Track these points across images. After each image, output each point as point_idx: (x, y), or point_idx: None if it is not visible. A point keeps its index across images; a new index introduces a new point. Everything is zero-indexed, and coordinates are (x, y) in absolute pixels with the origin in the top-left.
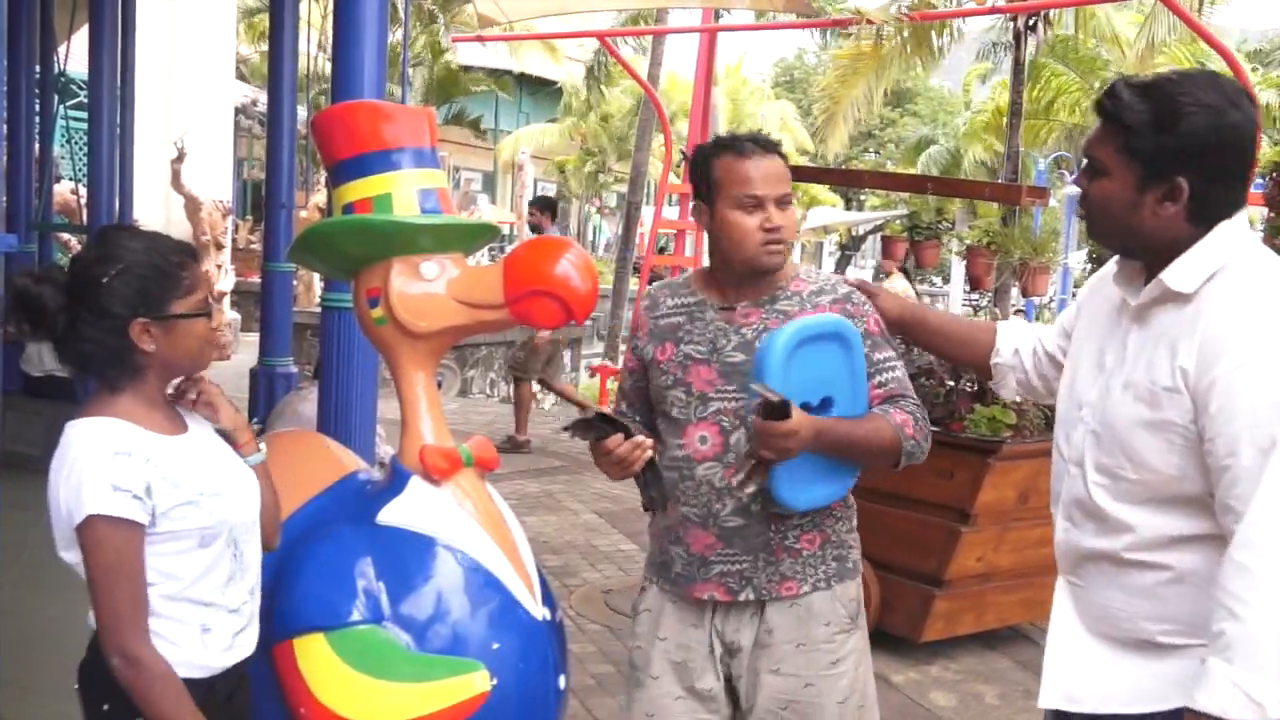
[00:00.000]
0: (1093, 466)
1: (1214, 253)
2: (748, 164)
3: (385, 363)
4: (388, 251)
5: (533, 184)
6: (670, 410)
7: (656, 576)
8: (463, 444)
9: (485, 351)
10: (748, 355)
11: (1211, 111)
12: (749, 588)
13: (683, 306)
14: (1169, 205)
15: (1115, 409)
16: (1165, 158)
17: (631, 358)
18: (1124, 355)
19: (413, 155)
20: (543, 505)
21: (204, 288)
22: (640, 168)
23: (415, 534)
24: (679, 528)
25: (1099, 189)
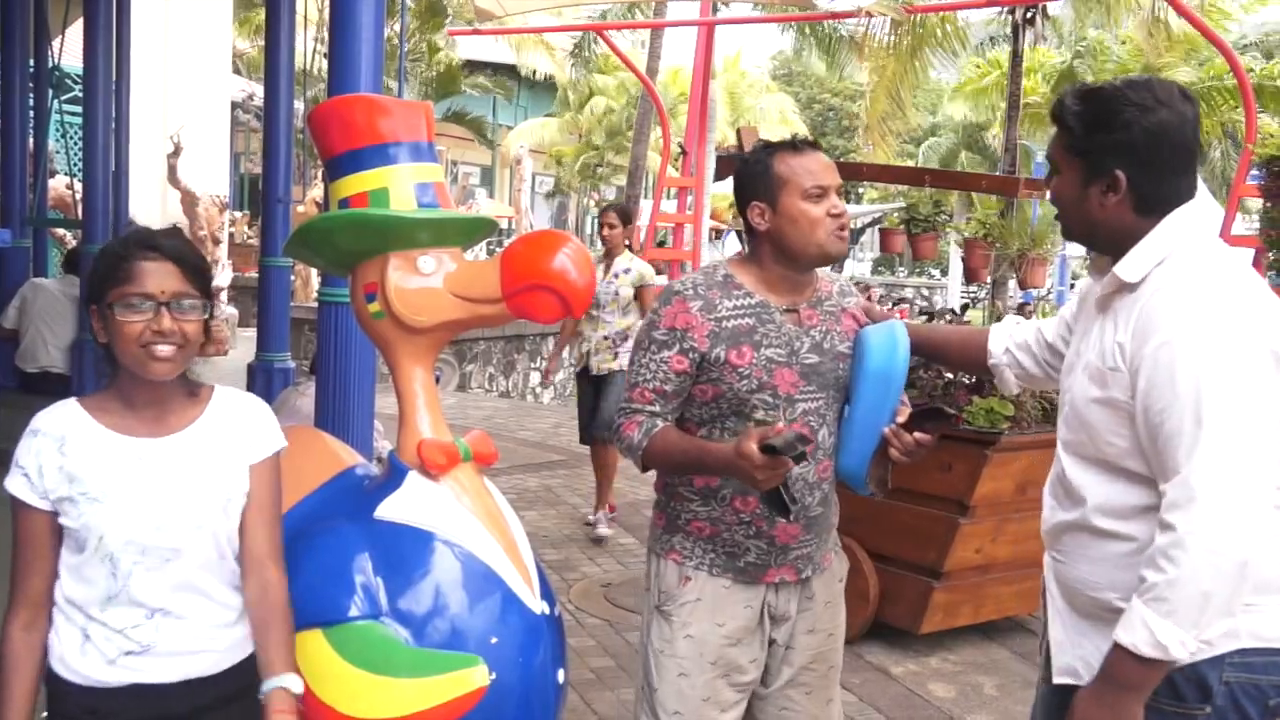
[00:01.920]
0: (1063, 443)
1: (1160, 244)
2: (808, 158)
3: (383, 357)
4: (385, 246)
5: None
6: (753, 414)
7: (712, 567)
8: (461, 438)
9: (484, 346)
10: (820, 356)
11: (1142, 110)
12: (809, 566)
13: (746, 309)
14: (1112, 196)
15: (1075, 388)
16: (1102, 153)
17: (680, 359)
18: (1088, 341)
19: (410, 150)
20: (542, 500)
21: (146, 284)
22: (638, 161)
23: (413, 529)
24: (760, 522)
25: (1056, 186)
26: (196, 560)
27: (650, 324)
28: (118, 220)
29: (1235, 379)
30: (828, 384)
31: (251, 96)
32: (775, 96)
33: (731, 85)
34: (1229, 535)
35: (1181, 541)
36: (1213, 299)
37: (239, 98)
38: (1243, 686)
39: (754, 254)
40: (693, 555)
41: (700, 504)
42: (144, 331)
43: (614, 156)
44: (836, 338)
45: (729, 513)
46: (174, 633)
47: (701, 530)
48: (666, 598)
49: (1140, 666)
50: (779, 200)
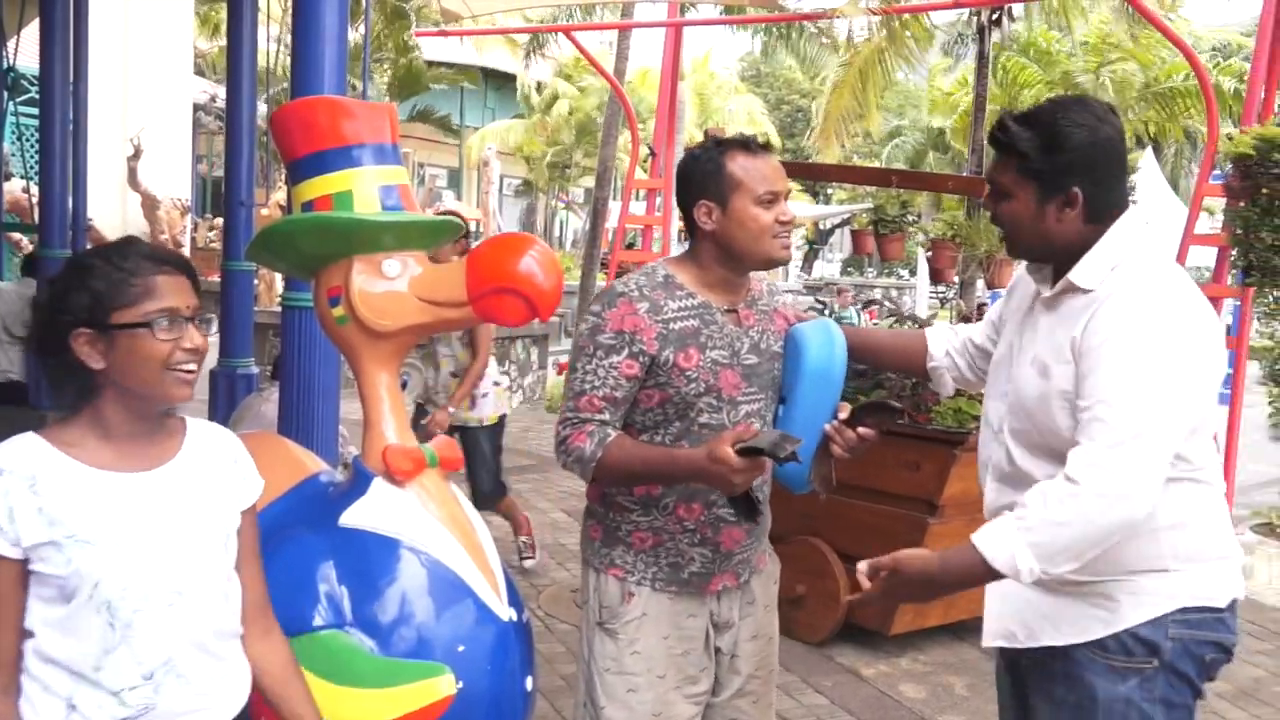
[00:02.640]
0: (1008, 431)
1: (1112, 251)
2: (762, 161)
3: (347, 362)
4: (349, 249)
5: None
6: (699, 416)
7: (655, 581)
8: (426, 444)
9: None
10: (759, 357)
11: (1087, 129)
12: (747, 568)
13: (690, 310)
14: (1069, 211)
15: (1021, 380)
16: (1058, 173)
17: (631, 363)
18: (1035, 336)
19: (373, 151)
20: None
21: (167, 299)
22: (607, 162)
23: (379, 536)
24: (706, 529)
25: (1007, 210)
26: (200, 603)
27: (594, 328)
28: (76, 224)
29: (1165, 381)
30: (766, 385)
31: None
32: (744, 98)
33: (700, 86)
34: (1125, 507)
35: (1080, 495)
36: (1154, 306)
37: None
38: (1184, 642)
39: (694, 253)
40: (635, 569)
41: (641, 513)
42: (173, 351)
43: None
44: (771, 337)
45: (672, 521)
46: (174, 693)
47: (644, 541)
48: (610, 614)
49: (983, 571)
50: (730, 202)
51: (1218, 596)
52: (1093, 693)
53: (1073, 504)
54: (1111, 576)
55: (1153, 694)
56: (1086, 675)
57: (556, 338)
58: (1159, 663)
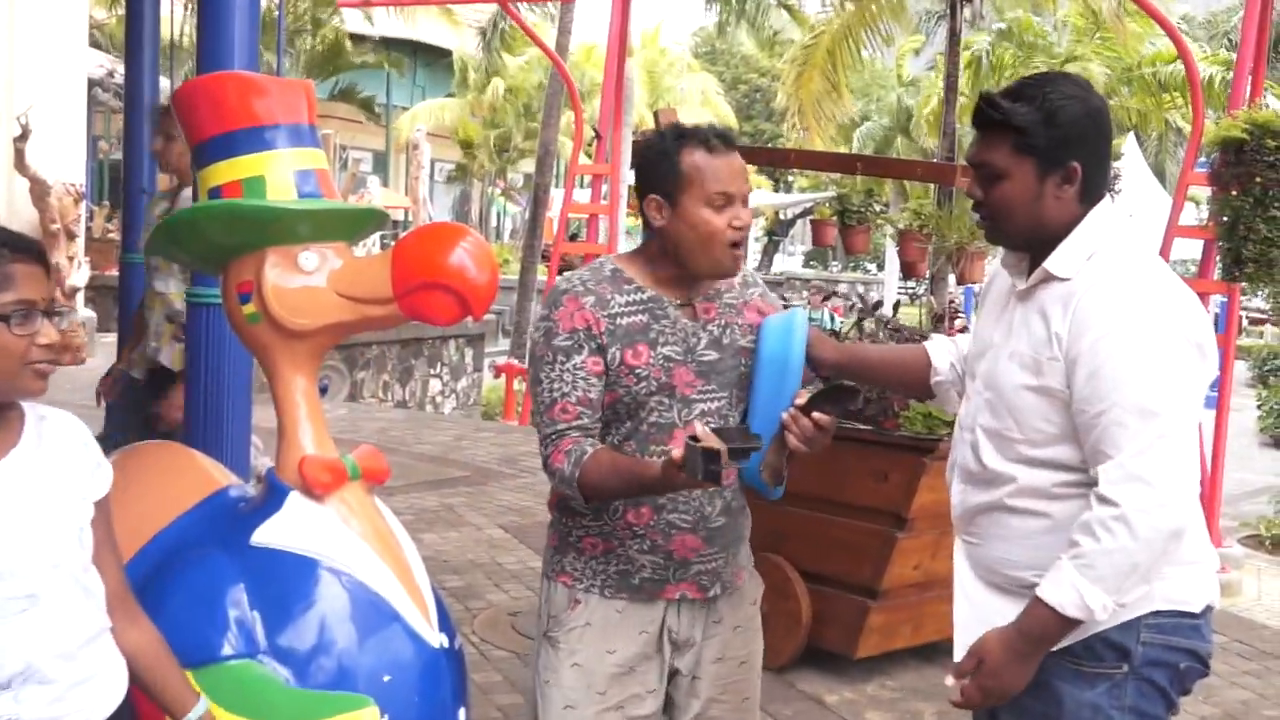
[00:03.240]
0: (982, 430)
1: (1089, 239)
2: (719, 160)
3: (260, 365)
4: (261, 241)
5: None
6: (648, 416)
7: (604, 588)
8: (348, 454)
9: (377, 351)
10: (720, 353)
11: (1080, 101)
12: (718, 583)
13: (639, 304)
14: (1068, 189)
15: (1002, 376)
16: (1057, 147)
17: (595, 360)
18: (1010, 330)
19: (289, 133)
20: (442, 520)
21: (24, 290)
22: (548, 146)
23: (295, 555)
24: (655, 535)
25: (1000, 193)
26: (58, 605)
27: (547, 333)
28: None
29: (1171, 373)
30: (729, 383)
31: (112, 74)
32: (697, 76)
33: (650, 63)
34: (1169, 515)
35: (1125, 517)
36: (1142, 296)
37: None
38: (1156, 648)
39: (645, 248)
40: (584, 576)
41: (592, 518)
42: (28, 348)
43: (522, 140)
44: (737, 332)
45: (621, 527)
46: (37, 701)
47: (594, 547)
48: (555, 623)
49: (1059, 623)
50: (680, 199)
51: (1192, 601)
52: (1059, 698)
53: (1120, 528)
54: None
55: (1122, 701)
56: (1053, 681)
57: (493, 337)
58: (1129, 668)
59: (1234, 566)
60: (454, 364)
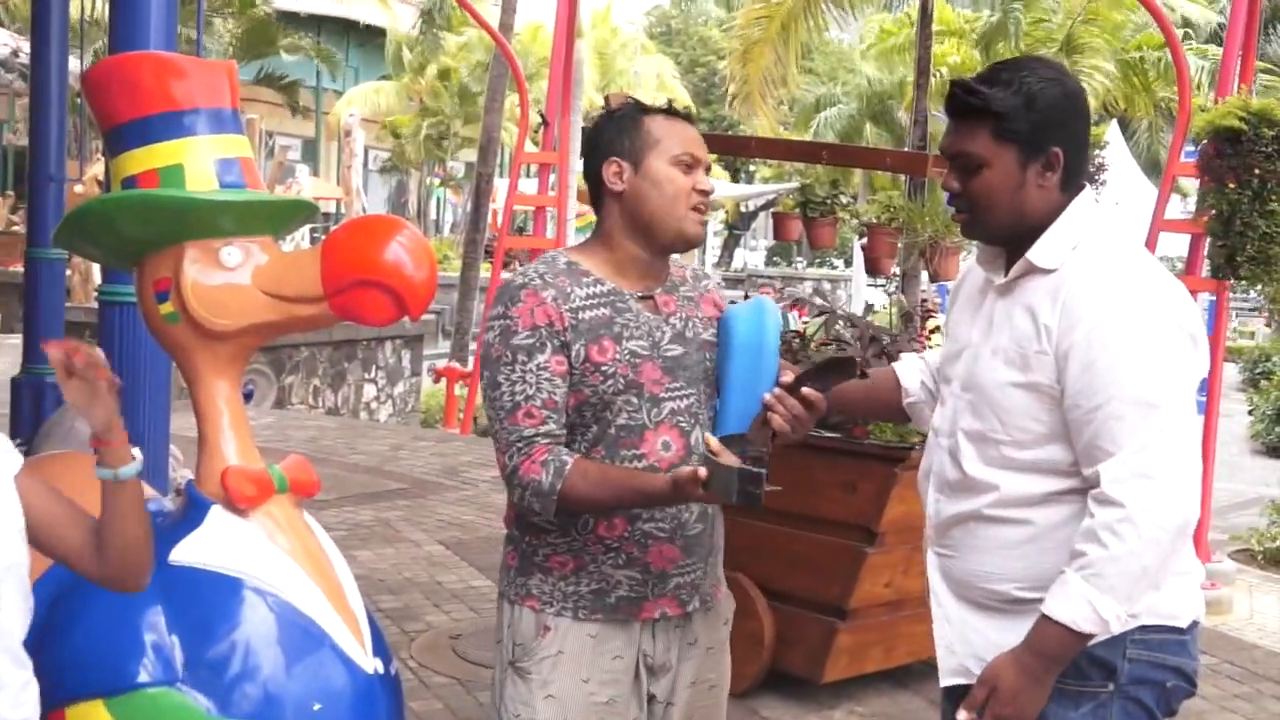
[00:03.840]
0: (963, 434)
1: (1073, 229)
2: (682, 126)
3: (179, 369)
4: (180, 234)
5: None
6: (615, 418)
7: (577, 609)
8: (275, 465)
9: (306, 354)
10: (684, 347)
11: (1058, 84)
12: (696, 597)
13: (600, 297)
14: (1050, 175)
15: (985, 374)
16: (1039, 132)
17: (560, 359)
18: (990, 326)
19: (209, 118)
20: (377, 536)
21: None
22: (491, 133)
23: (217, 574)
24: (630, 547)
25: (980, 183)
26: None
27: (504, 332)
28: None
29: (1169, 363)
30: (696, 378)
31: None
32: (652, 59)
33: (601, 44)
34: (1178, 511)
35: (1131, 518)
36: (1134, 285)
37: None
38: (1143, 665)
39: (600, 233)
40: (553, 599)
41: (558, 534)
42: None
43: (462, 126)
44: (699, 325)
45: (592, 541)
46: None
47: (563, 566)
48: (523, 652)
49: (1074, 640)
50: (644, 159)
51: (1179, 615)
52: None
53: (1128, 530)
54: None
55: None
56: None
57: (432, 339)
58: (1114, 687)
59: (1224, 583)
60: (390, 368)
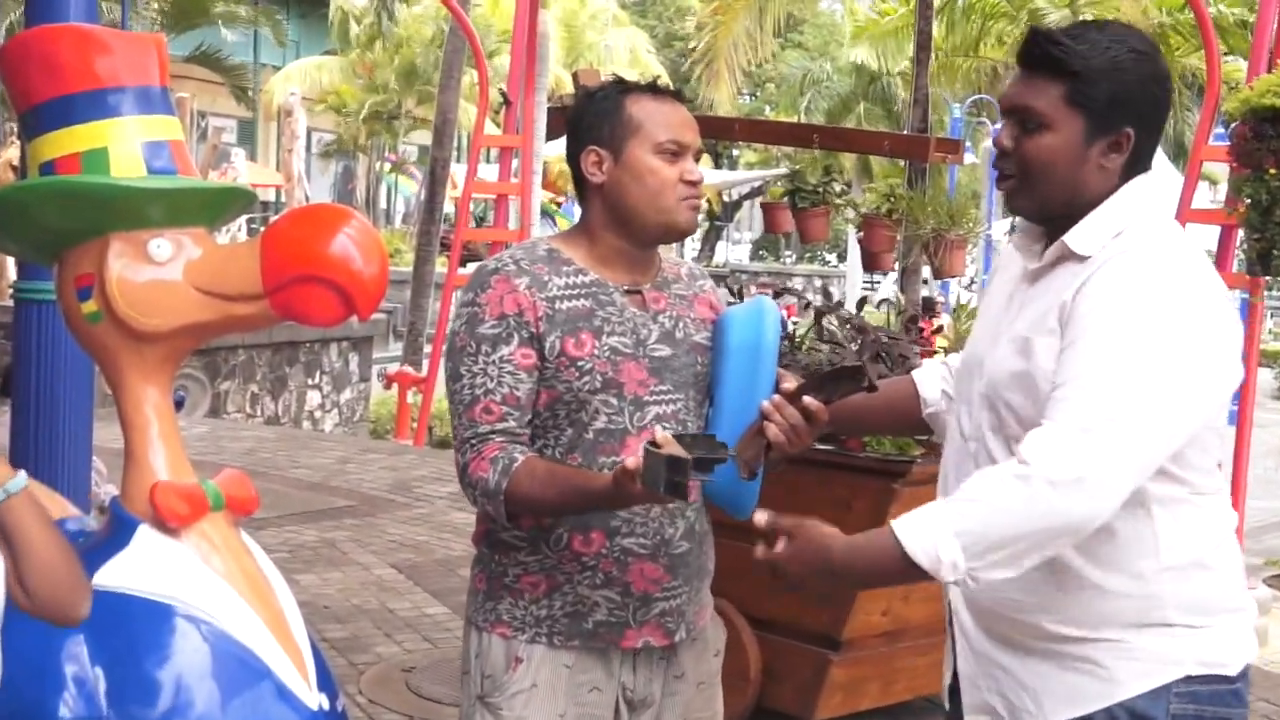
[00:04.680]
0: (991, 435)
1: (1117, 215)
2: (668, 107)
3: (103, 373)
4: (104, 225)
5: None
6: (593, 421)
7: (552, 635)
8: (209, 480)
9: (243, 357)
10: (673, 348)
11: (1146, 59)
12: (683, 625)
13: (581, 287)
14: (1114, 157)
15: (997, 364)
16: (1115, 107)
17: (526, 351)
18: (1015, 316)
19: (136, 97)
20: (322, 559)
21: None
22: (447, 113)
23: (145, 600)
24: (610, 566)
25: (1037, 146)
26: None
27: (470, 320)
28: None
29: (1166, 373)
30: (685, 382)
31: None
32: (625, 31)
33: (569, 16)
34: (1082, 504)
35: (1030, 478)
36: (1164, 278)
37: None
38: (1188, 719)
39: (583, 223)
40: (525, 625)
41: (529, 551)
42: None
43: (415, 105)
44: (691, 326)
45: (567, 558)
46: None
47: (535, 587)
48: (492, 685)
49: (894, 563)
50: (625, 147)
51: (1230, 661)
52: None
53: (1017, 488)
54: (1103, 635)
55: None
56: None
57: (382, 341)
58: None
59: (1261, 612)
60: (336, 372)
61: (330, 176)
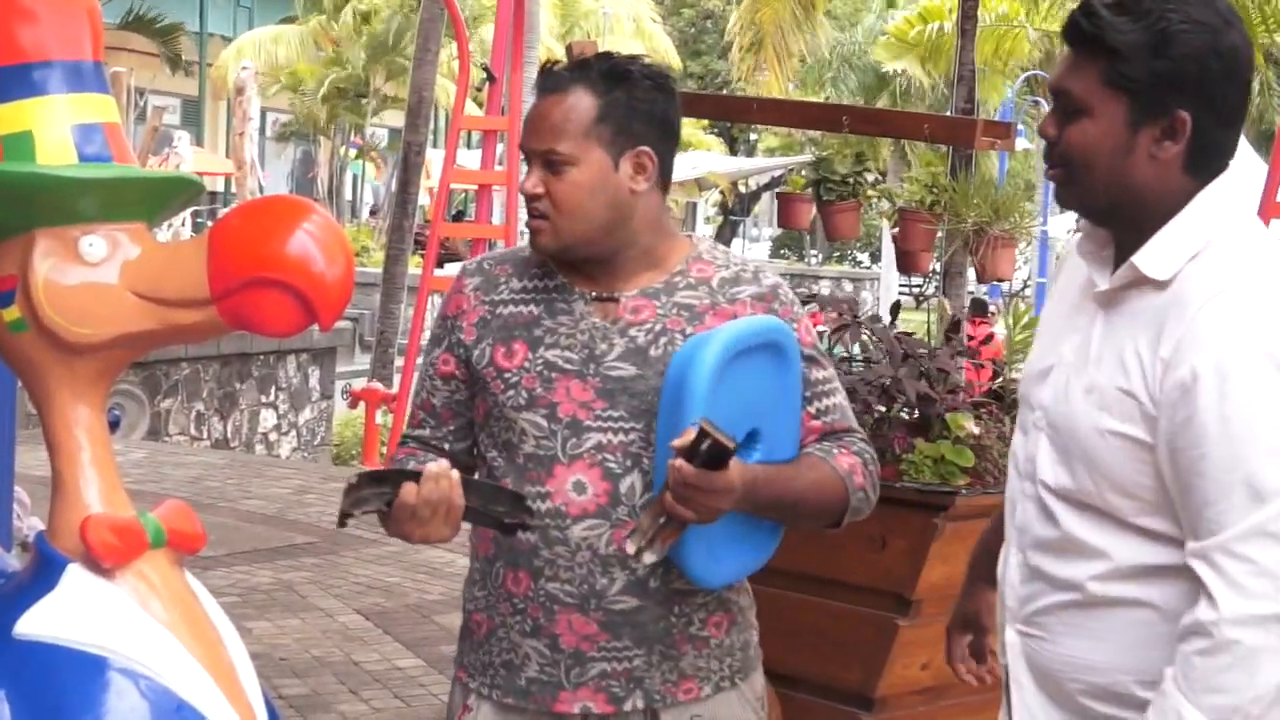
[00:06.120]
0: (1050, 483)
1: (1192, 230)
2: (535, 106)
3: (26, 390)
4: (28, 220)
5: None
6: (521, 443)
7: (490, 686)
8: (148, 513)
9: (187, 371)
10: (640, 368)
11: (1207, 30)
12: (638, 692)
13: (535, 291)
14: (1168, 146)
15: (1077, 416)
16: (1160, 86)
17: (448, 358)
18: (1088, 350)
19: (65, 73)
20: (278, 603)
21: None
22: (422, 91)
23: (74, 651)
24: (537, 612)
25: (1079, 133)
26: None
27: (436, 317)
28: None
29: None
30: (645, 409)
31: None
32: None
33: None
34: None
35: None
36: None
37: None
38: None
39: None
40: (475, 671)
41: (480, 586)
42: None
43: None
44: (680, 343)
45: (502, 597)
46: None
47: (479, 628)
48: None
49: None
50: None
51: None
52: None
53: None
54: None
55: None
56: None
57: (347, 353)
58: None
59: None
60: (294, 389)
61: (287, 163)
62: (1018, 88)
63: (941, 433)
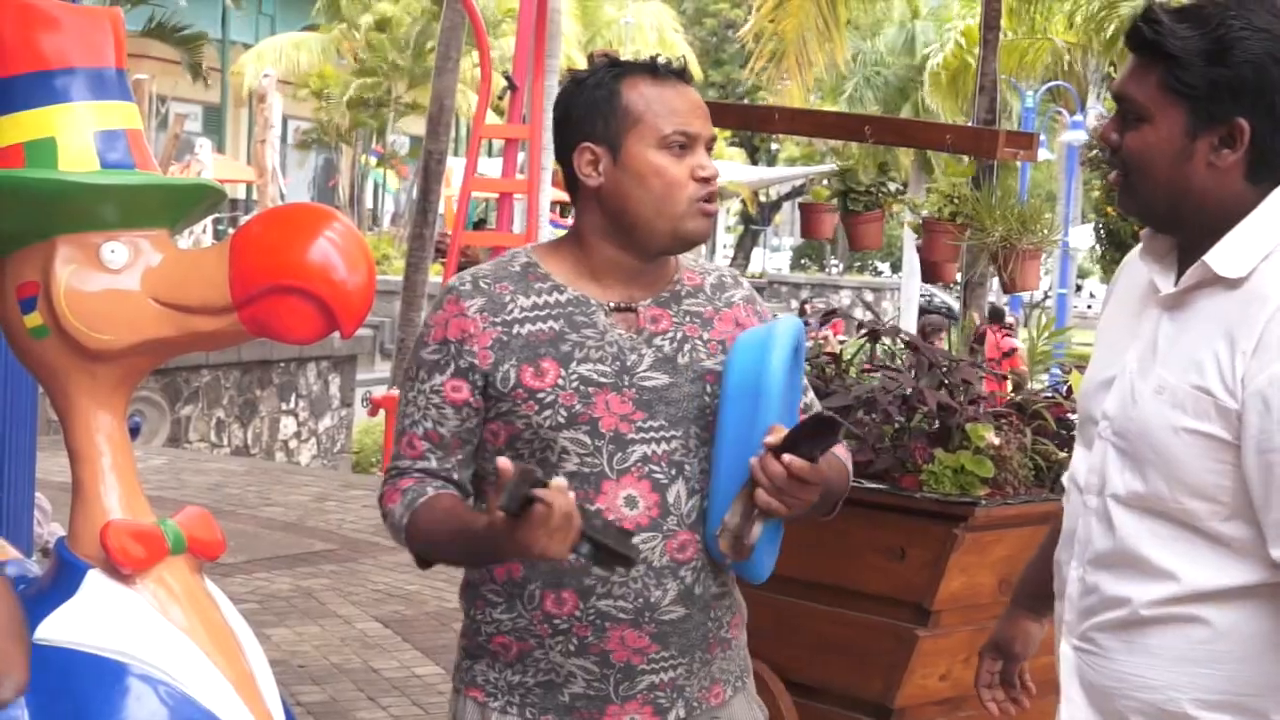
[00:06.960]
0: (1119, 492)
1: (1263, 232)
2: (671, 91)
3: (48, 396)
4: (51, 227)
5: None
6: (562, 463)
7: (524, 705)
8: (169, 520)
9: (208, 378)
10: (673, 376)
11: (1270, 38)
12: (680, 701)
13: (551, 307)
14: (1227, 154)
15: (1148, 418)
16: (1219, 94)
17: (459, 384)
18: (1153, 353)
19: (88, 80)
20: (297, 610)
21: None
22: (443, 99)
23: (94, 657)
24: (585, 630)
25: (1138, 140)
26: None
27: (419, 342)
28: None
29: None
30: (685, 417)
31: None
32: (649, 6)
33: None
34: None
35: None
36: None
37: None
38: None
39: (575, 230)
40: (498, 691)
41: (504, 609)
42: None
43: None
44: (703, 349)
45: (539, 619)
46: None
47: (507, 650)
48: None
49: None
50: (623, 143)
51: None
52: None
53: None
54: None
55: None
56: None
57: (367, 361)
58: None
59: None
60: (314, 396)
61: (309, 170)
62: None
63: (962, 443)
